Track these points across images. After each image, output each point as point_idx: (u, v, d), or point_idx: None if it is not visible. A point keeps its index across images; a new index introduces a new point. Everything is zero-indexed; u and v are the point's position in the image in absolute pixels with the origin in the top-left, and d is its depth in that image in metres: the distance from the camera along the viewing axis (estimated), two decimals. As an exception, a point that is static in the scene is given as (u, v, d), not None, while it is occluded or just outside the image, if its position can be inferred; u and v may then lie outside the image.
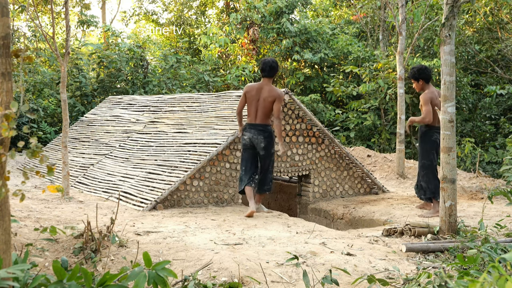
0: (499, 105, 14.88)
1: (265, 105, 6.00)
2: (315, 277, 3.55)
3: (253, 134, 6.06)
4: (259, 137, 6.04)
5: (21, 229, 4.40)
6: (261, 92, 6.02)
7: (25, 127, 2.35)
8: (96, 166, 8.30)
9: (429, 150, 6.39)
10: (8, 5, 2.29)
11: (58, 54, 6.87)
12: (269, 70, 6.06)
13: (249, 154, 6.19)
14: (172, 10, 23.69)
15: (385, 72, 13.30)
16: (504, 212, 6.15)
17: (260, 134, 6.03)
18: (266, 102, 5.99)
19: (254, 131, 6.06)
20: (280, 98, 6.00)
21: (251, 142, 6.10)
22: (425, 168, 6.42)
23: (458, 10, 4.89)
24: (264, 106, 6.01)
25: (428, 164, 6.40)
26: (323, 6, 20.98)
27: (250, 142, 6.10)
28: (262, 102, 6.01)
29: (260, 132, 6.04)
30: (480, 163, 11.79)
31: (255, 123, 6.08)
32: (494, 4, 13.40)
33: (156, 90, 14.35)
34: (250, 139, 6.09)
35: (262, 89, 6.03)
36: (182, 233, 4.78)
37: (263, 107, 6.02)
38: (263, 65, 6.10)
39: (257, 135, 6.04)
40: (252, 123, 6.11)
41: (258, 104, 6.04)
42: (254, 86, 6.09)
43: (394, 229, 5.12)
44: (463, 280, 2.50)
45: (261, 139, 6.03)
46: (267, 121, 6.10)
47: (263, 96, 6.00)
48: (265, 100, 5.99)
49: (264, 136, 6.05)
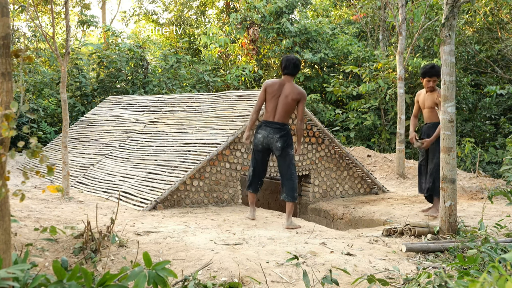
0: (499, 105, 14.88)
1: (286, 102, 5.56)
2: (315, 277, 3.55)
3: (268, 132, 5.59)
4: (274, 136, 5.56)
5: (21, 229, 4.40)
6: (283, 88, 5.60)
7: (25, 127, 2.35)
8: (96, 166, 8.30)
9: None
10: (8, 5, 2.29)
11: (58, 54, 6.87)
12: (293, 67, 5.64)
13: (260, 156, 5.77)
14: (172, 10, 23.70)
15: (385, 72, 13.30)
16: (504, 212, 6.15)
17: (276, 133, 5.56)
18: (288, 99, 5.56)
19: (270, 129, 5.59)
20: (305, 98, 5.62)
21: (264, 142, 5.63)
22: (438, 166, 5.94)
23: (458, 10, 4.89)
24: (285, 103, 5.56)
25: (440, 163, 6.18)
26: (323, 6, 20.98)
27: (264, 141, 5.63)
28: (283, 99, 5.57)
29: (276, 130, 5.57)
30: (480, 163, 11.79)
31: (273, 121, 5.60)
32: (494, 4, 13.40)
33: (156, 90, 14.35)
34: (264, 138, 5.62)
35: (284, 86, 5.61)
36: (182, 233, 4.78)
37: (284, 104, 5.57)
38: (286, 62, 5.66)
39: (273, 134, 5.57)
40: (268, 120, 5.63)
41: (278, 101, 5.59)
42: (276, 82, 5.67)
43: (394, 229, 5.12)
44: (463, 280, 2.50)
45: (277, 138, 5.55)
46: (285, 119, 5.62)
47: (285, 93, 5.57)
48: (287, 97, 5.56)
49: (281, 135, 5.56)
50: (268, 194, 9.06)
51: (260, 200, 9.14)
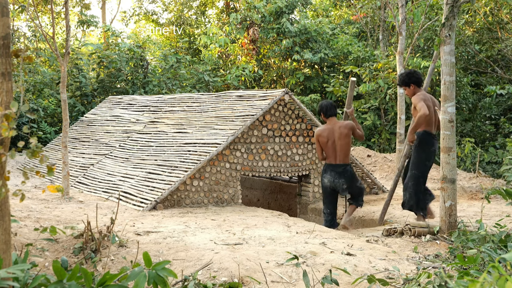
0: (499, 105, 14.88)
1: (342, 143, 6.03)
2: (315, 277, 3.55)
3: (334, 177, 6.04)
4: (340, 181, 6.02)
5: (21, 229, 4.40)
6: (334, 132, 6.05)
7: (25, 127, 2.35)
8: (96, 166, 8.30)
9: (424, 160, 5.68)
10: (8, 5, 2.29)
11: (58, 54, 6.87)
12: (332, 109, 6.16)
13: (330, 197, 6.19)
14: (172, 10, 23.69)
15: (385, 72, 13.30)
16: (504, 212, 6.15)
17: (341, 177, 6.02)
18: (342, 138, 6.03)
19: (335, 174, 6.04)
20: (353, 125, 6.09)
21: (331, 186, 6.10)
22: (416, 179, 5.68)
23: (458, 10, 4.89)
24: (341, 144, 6.03)
25: (419, 176, 5.69)
26: (323, 6, 20.97)
27: (331, 185, 6.09)
28: (338, 141, 6.04)
29: (340, 174, 6.03)
30: (480, 163, 11.78)
31: (335, 164, 6.06)
32: (494, 4, 13.39)
33: (156, 90, 14.35)
34: (330, 183, 6.07)
35: (333, 129, 6.07)
36: (182, 233, 4.78)
37: (340, 145, 6.04)
38: (325, 108, 6.16)
39: (338, 179, 6.02)
40: (331, 164, 6.08)
41: (335, 145, 6.05)
42: (325, 129, 6.11)
43: (394, 229, 5.12)
44: (463, 280, 2.50)
45: (342, 182, 6.01)
46: (346, 159, 6.08)
47: (337, 135, 6.03)
48: (340, 137, 6.03)
49: (346, 179, 6.02)
50: (268, 194, 9.07)
51: (260, 200, 9.14)
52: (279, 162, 7.29)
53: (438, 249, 4.57)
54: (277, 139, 7.28)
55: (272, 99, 7.11)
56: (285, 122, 7.31)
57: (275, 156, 7.27)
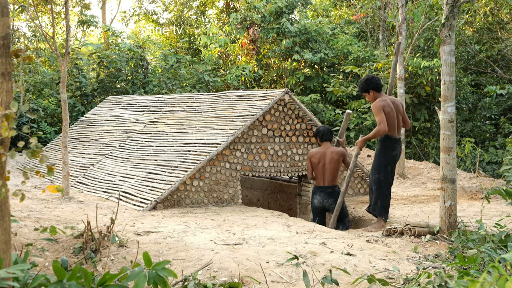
0: (499, 105, 14.88)
1: (331, 167, 6.40)
2: (315, 277, 3.55)
3: (323, 198, 6.45)
4: (329, 200, 6.42)
5: (21, 229, 4.40)
6: (325, 156, 6.44)
7: (25, 127, 2.35)
8: (96, 166, 8.30)
9: (386, 165, 5.83)
10: (8, 5, 2.29)
11: (58, 54, 6.87)
12: (328, 134, 6.57)
13: (320, 215, 6.53)
14: (172, 10, 23.69)
15: (385, 72, 13.29)
16: (504, 212, 6.15)
17: (329, 198, 6.42)
18: (332, 162, 6.40)
19: (324, 195, 6.45)
20: (346, 153, 6.48)
21: (321, 206, 6.49)
22: (378, 183, 5.83)
23: (458, 10, 4.89)
24: (331, 169, 6.41)
25: (381, 180, 5.82)
26: (323, 6, 20.96)
27: (321, 205, 6.49)
28: (328, 165, 6.41)
29: (329, 195, 6.43)
30: (480, 163, 11.79)
31: (324, 186, 6.47)
32: (494, 4, 13.39)
33: (156, 90, 14.34)
34: (320, 203, 6.48)
35: (325, 153, 6.45)
36: (182, 233, 4.78)
37: (330, 169, 6.41)
38: (321, 133, 6.57)
39: (327, 199, 6.43)
40: (320, 186, 6.50)
41: (324, 168, 6.44)
42: (318, 152, 6.50)
43: (394, 229, 5.12)
44: (463, 280, 2.50)
45: (331, 201, 6.39)
46: (334, 182, 6.48)
47: (328, 159, 6.42)
48: (331, 161, 6.40)
49: (334, 198, 6.38)
50: (268, 194, 9.07)
51: (260, 200, 9.14)
52: (279, 162, 7.29)
53: (438, 249, 4.58)
54: (277, 139, 7.28)
55: (272, 99, 7.11)
56: (285, 122, 7.30)
57: (275, 156, 7.27)
